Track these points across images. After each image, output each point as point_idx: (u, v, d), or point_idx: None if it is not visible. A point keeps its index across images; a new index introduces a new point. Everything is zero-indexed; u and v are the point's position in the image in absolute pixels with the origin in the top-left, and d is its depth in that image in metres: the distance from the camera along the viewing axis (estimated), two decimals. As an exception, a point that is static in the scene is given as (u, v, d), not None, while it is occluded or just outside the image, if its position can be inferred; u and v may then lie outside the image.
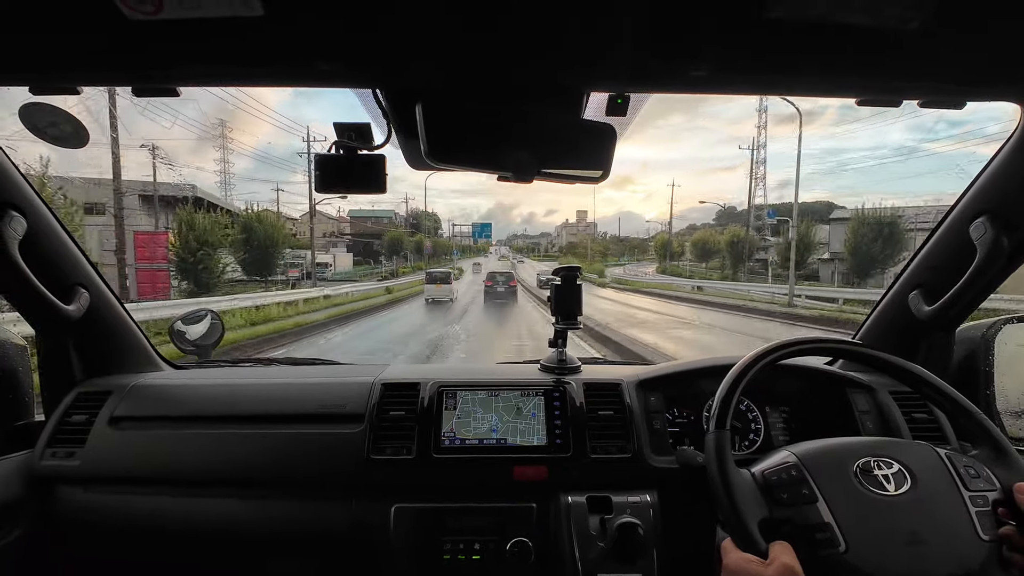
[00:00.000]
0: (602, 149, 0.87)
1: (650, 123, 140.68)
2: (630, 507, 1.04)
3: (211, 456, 1.14)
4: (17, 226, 1.02)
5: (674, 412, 1.24)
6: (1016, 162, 0.98)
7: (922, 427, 1.14)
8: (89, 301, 1.21)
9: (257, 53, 0.73)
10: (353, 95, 0.91)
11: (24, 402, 1.23)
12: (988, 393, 1.19)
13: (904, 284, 1.24)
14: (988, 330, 1.22)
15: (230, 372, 1.49)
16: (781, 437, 1.22)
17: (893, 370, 0.91)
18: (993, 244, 0.99)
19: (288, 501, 1.12)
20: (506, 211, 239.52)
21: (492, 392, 1.19)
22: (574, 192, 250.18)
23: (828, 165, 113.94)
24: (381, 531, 1.06)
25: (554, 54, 0.74)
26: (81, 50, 0.73)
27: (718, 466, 0.79)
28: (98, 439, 1.16)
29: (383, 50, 0.73)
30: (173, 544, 1.15)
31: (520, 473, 1.10)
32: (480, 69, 0.79)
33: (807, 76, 0.79)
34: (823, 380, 1.26)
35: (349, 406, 1.18)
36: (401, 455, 1.11)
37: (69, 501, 1.13)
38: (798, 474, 0.78)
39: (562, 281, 1.29)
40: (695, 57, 0.72)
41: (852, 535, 0.70)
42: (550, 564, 1.04)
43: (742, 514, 0.74)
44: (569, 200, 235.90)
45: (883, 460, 0.78)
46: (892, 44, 0.68)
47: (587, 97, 0.86)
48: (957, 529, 0.71)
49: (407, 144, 0.94)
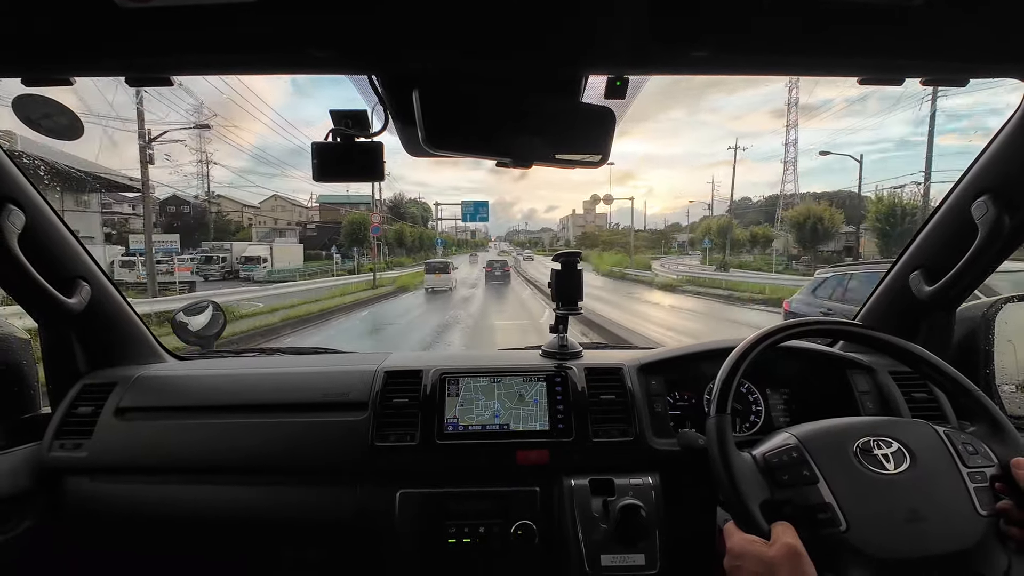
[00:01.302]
0: (601, 133, 0.86)
1: (651, 117, 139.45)
2: (632, 489, 1.05)
3: (217, 445, 1.15)
4: (16, 220, 1.02)
5: (675, 395, 1.25)
6: (1019, 139, 0.97)
7: (922, 406, 1.15)
8: (90, 294, 1.21)
9: (251, 40, 0.72)
10: (349, 82, 0.90)
11: (30, 395, 1.24)
12: (988, 372, 1.20)
13: (905, 264, 1.24)
14: (989, 309, 1.22)
15: (233, 362, 1.49)
16: (782, 419, 1.23)
17: (893, 350, 0.91)
18: (995, 223, 0.99)
19: (293, 488, 1.14)
20: (506, 207, 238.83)
21: (494, 378, 1.20)
22: (574, 188, 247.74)
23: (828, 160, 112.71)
24: (386, 516, 1.08)
25: (553, 37, 0.73)
26: (73, 40, 0.72)
27: (719, 449, 0.80)
28: (105, 430, 1.17)
29: (379, 35, 0.72)
30: (179, 532, 1.17)
31: (523, 457, 1.11)
32: (477, 53, 0.77)
33: (809, 55, 0.77)
34: (823, 361, 1.26)
35: (352, 394, 1.19)
36: (405, 442, 1.12)
37: (77, 492, 1.14)
38: (798, 455, 0.78)
39: (562, 267, 1.29)
40: (695, 38, 0.71)
41: (852, 514, 0.71)
42: (554, 547, 1.06)
43: (744, 496, 0.75)
44: (568, 196, 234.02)
45: (882, 439, 0.79)
46: (894, 21, 0.67)
47: (585, 80, 0.85)
48: (956, 505, 0.72)
49: (404, 131, 0.93)
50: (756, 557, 0.68)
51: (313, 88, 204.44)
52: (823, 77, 0.90)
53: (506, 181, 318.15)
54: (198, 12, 0.62)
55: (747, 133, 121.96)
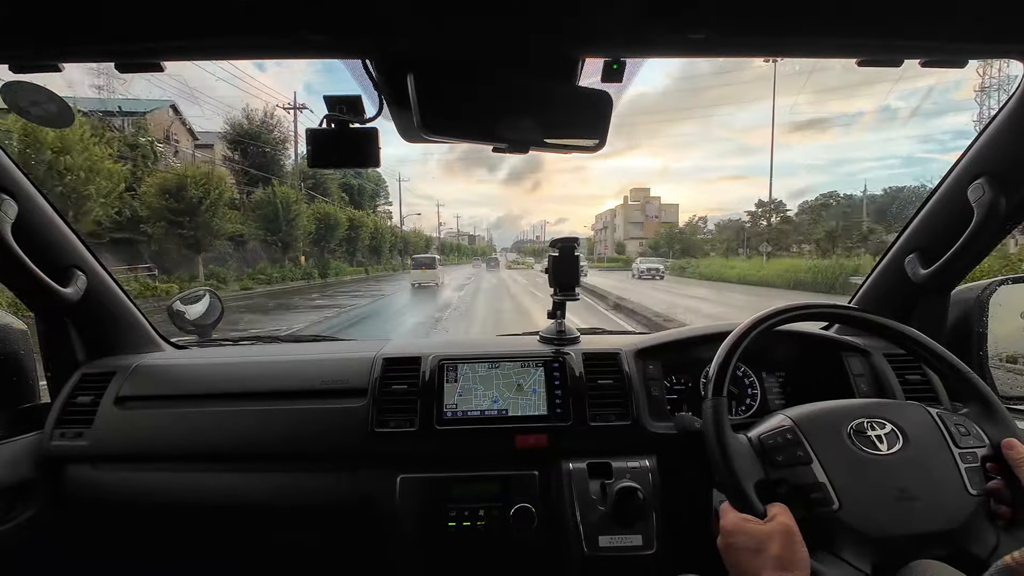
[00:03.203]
0: (598, 117, 0.86)
1: (663, 132, 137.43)
2: (629, 472, 1.07)
3: (216, 433, 1.16)
4: (8, 209, 1.01)
5: (672, 379, 1.26)
6: (1016, 122, 0.97)
7: (915, 388, 1.16)
8: (87, 283, 1.20)
9: (243, 25, 0.71)
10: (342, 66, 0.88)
11: (29, 384, 1.25)
12: (981, 354, 1.21)
13: (901, 248, 1.24)
14: (983, 292, 1.23)
15: (232, 351, 1.50)
16: (777, 401, 1.25)
17: (888, 333, 0.92)
18: (991, 206, 0.99)
19: (294, 475, 1.15)
20: (515, 220, 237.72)
21: (493, 364, 1.21)
22: (586, 202, 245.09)
23: (837, 176, 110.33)
24: (387, 501, 1.09)
25: (549, 19, 0.72)
26: (61, 25, 0.70)
27: (715, 430, 0.81)
28: (105, 419, 1.17)
29: (373, 18, 0.70)
30: (180, 519, 1.18)
31: (522, 441, 1.12)
32: (473, 36, 0.76)
33: (807, 36, 0.77)
34: (818, 345, 1.27)
35: (352, 381, 1.20)
36: (404, 428, 1.13)
37: (78, 480, 1.15)
38: (793, 437, 0.80)
39: (559, 253, 1.29)
40: (693, 20, 0.71)
41: (845, 493, 0.73)
42: (553, 529, 1.08)
43: (739, 476, 0.77)
44: (579, 211, 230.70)
45: (876, 421, 0.80)
46: (894, 1, 0.66)
47: (582, 64, 0.84)
48: (946, 484, 0.73)
49: (400, 116, 0.92)
50: (749, 534, 0.69)
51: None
52: (822, 59, 0.89)
53: (514, 194, 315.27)
54: None
55: (757, 148, 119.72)
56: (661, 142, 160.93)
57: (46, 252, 1.13)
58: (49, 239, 1.15)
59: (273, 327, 10.34)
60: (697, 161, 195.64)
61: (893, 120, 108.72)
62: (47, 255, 1.13)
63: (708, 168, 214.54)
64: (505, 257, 73.41)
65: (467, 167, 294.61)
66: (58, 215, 1.16)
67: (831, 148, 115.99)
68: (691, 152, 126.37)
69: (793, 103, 48.70)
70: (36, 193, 1.10)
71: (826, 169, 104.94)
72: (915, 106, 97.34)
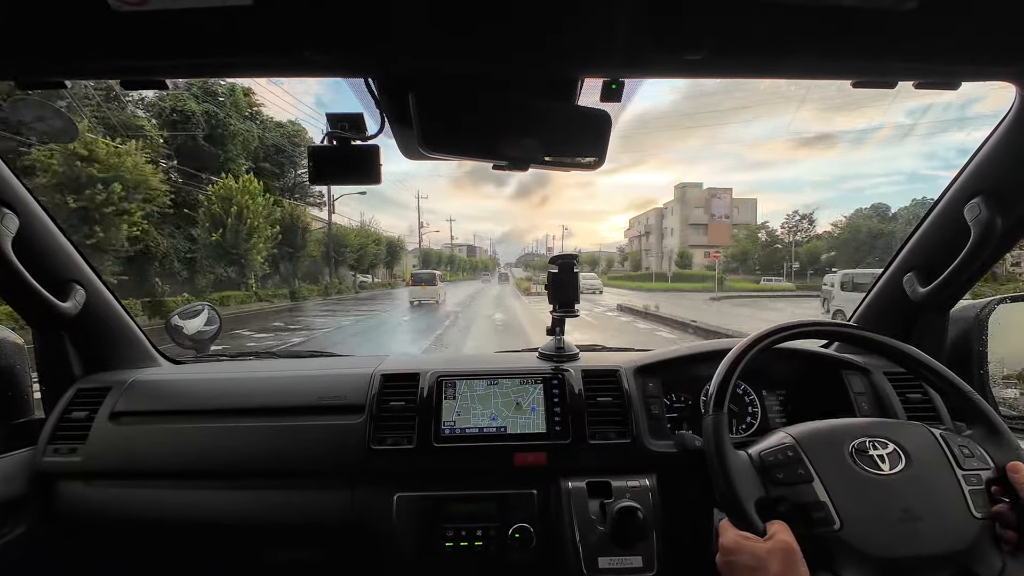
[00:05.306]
0: (597, 136, 0.87)
1: (668, 147, 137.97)
2: (629, 491, 1.05)
3: (212, 449, 1.14)
4: (9, 223, 1.02)
5: (672, 397, 1.25)
6: (1011, 142, 0.98)
7: (917, 407, 1.15)
8: (85, 298, 1.20)
9: (247, 44, 0.72)
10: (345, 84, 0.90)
11: (24, 399, 1.23)
12: (982, 373, 1.21)
13: (899, 266, 1.25)
14: (982, 310, 1.23)
15: (229, 366, 1.49)
16: (778, 420, 1.24)
17: (888, 352, 0.91)
18: (987, 225, 0.99)
19: (291, 491, 1.13)
20: (520, 235, 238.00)
21: (491, 381, 1.20)
22: (591, 218, 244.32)
23: (841, 192, 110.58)
24: (384, 519, 1.07)
25: (548, 40, 0.73)
26: (67, 43, 0.71)
27: (716, 447, 0.80)
28: (99, 435, 1.16)
29: (375, 39, 0.72)
30: (175, 536, 1.16)
31: (520, 459, 1.11)
32: (474, 56, 0.78)
33: (803, 59, 0.78)
34: (819, 363, 1.27)
35: (349, 397, 1.19)
36: (402, 445, 1.11)
37: (71, 497, 1.13)
38: (794, 454, 0.79)
39: (559, 269, 1.29)
40: (690, 41, 0.72)
41: (846, 513, 0.72)
42: (552, 549, 1.06)
43: (739, 494, 0.76)
44: (585, 226, 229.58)
45: (878, 440, 0.79)
46: (887, 25, 0.68)
47: (581, 83, 0.85)
48: (950, 507, 0.72)
49: (401, 134, 0.93)
50: (749, 552, 0.68)
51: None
52: (817, 80, 0.90)
53: (520, 209, 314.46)
54: (194, 15, 0.62)
55: (763, 162, 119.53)
56: (667, 157, 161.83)
57: (46, 266, 1.13)
58: (49, 253, 1.15)
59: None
60: (702, 176, 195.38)
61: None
62: (47, 269, 1.13)
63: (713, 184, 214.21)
64: (512, 273, 68.63)
65: (475, 182, 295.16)
66: (59, 229, 1.17)
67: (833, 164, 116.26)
68: (699, 167, 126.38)
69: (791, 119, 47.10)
70: (38, 208, 1.10)
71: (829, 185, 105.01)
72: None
